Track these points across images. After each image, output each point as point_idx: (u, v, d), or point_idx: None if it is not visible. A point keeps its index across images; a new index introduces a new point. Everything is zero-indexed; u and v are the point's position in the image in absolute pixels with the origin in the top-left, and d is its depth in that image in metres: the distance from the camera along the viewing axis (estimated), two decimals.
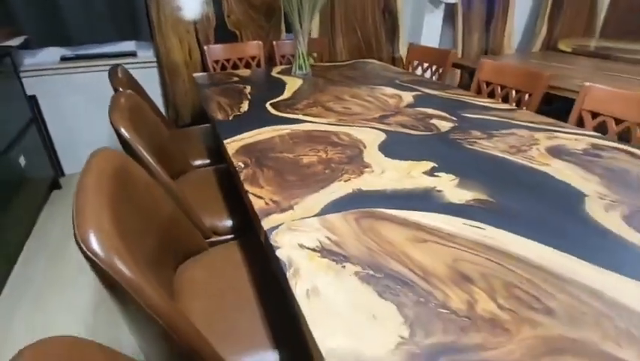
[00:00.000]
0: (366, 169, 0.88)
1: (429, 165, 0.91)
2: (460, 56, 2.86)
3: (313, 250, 0.61)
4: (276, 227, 0.67)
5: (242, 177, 0.85)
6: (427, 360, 0.43)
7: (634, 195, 0.77)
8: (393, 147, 1.00)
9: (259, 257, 0.93)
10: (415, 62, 2.06)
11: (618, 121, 1.19)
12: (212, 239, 1.08)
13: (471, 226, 0.67)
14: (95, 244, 0.50)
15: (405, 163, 0.91)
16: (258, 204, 0.75)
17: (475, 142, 1.04)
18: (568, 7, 3.07)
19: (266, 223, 0.68)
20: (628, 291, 0.53)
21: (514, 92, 1.49)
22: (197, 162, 1.51)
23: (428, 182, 0.83)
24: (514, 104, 1.50)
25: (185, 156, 1.47)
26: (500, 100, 1.57)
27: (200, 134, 1.74)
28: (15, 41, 1.70)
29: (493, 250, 0.61)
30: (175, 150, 1.37)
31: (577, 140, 1.05)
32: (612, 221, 0.69)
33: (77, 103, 2.18)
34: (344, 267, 0.58)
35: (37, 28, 1.93)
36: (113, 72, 1.47)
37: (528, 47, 3.19)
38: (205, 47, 2.03)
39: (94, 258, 0.49)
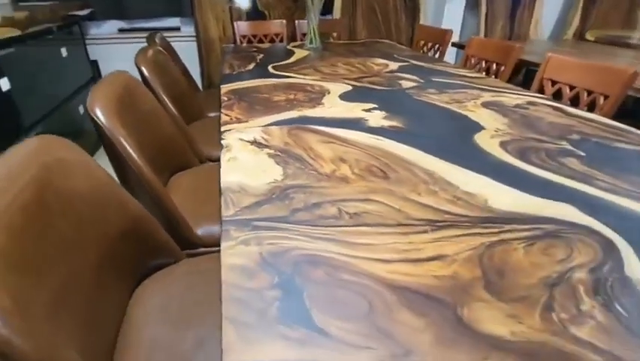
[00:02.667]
0: (319, 106, 1.11)
1: (371, 106, 1.11)
2: None
3: (247, 141, 0.86)
4: (229, 130, 0.92)
5: (222, 105, 1.11)
6: (282, 190, 0.66)
7: (524, 132, 0.93)
8: (351, 95, 1.21)
9: None
10: (422, 42, 2.21)
11: (575, 88, 1.29)
12: (206, 164, 1.35)
13: (373, 138, 0.88)
14: (99, 112, 0.78)
15: (352, 104, 1.12)
16: (224, 119, 1.00)
17: (424, 96, 1.22)
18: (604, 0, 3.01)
19: (223, 128, 0.94)
20: (457, 175, 0.71)
21: (494, 65, 1.62)
22: (212, 114, 1.80)
23: (362, 115, 1.03)
24: (493, 76, 1.62)
25: (201, 108, 1.77)
26: (484, 73, 1.70)
27: None
28: (83, 12, 2.10)
29: (376, 149, 0.82)
30: (193, 101, 1.67)
31: (518, 98, 1.19)
32: (489, 144, 0.86)
33: (130, 69, 2.57)
34: (262, 150, 0.81)
35: (101, 3, 2.34)
36: (150, 37, 1.80)
37: (559, 36, 3.16)
38: (235, 24, 2.33)
39: (97, 120, 0.77)
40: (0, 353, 0.38)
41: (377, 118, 1.01)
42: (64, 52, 1.95)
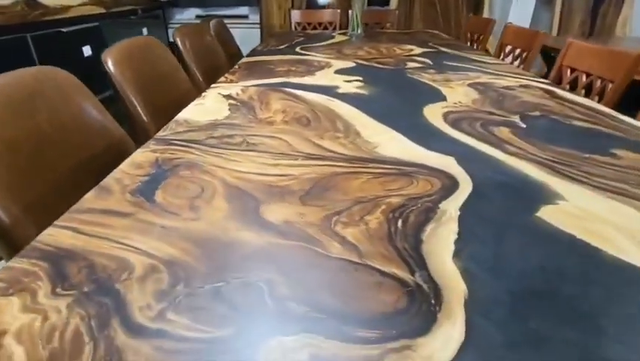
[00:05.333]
0: (309, 76, 1.21)
1: (355, 78, 1.18)
2: None
3: (222, 95, 1.01)
4: (216, 87, 1.08)
5: (229, 71, 1.28)
6: (214, 125, 0.79)
7: (483, 106, 0.92)
8: (347, 70, 1.29)
9: None
10: (469, 34, 2.14)
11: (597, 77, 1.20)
12: None
13: (328, 100, 0.96)
14: (110, 61, 0.99)
15: (340, 76, 1.20)
16: (220, 79, 1.17)
17: (418, 75, 1.24)
18: None
19: (213, 85, 1.10)
20: (372, 129, 0.77)
21: (525, 53, 1.54)
22: None
23: (338, 84, 1.11)
24: (522, 65, 1.54)
25: None
26: (516, 62, 1.62)
27: None
28: None
29: (321, 107, 0.90)
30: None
31: (516, 82, 1.15)
32: (434, 113, 0.88)
33: None
34: (227, 100, 0.95)
35: None
36: (206, 21, 2.05)
37: None
38: (291, 12, 2.51)
39: (107, 69, 0.98)
40: None
41: (350, 87, 1.08)
42: (144, 31, 2.33)
